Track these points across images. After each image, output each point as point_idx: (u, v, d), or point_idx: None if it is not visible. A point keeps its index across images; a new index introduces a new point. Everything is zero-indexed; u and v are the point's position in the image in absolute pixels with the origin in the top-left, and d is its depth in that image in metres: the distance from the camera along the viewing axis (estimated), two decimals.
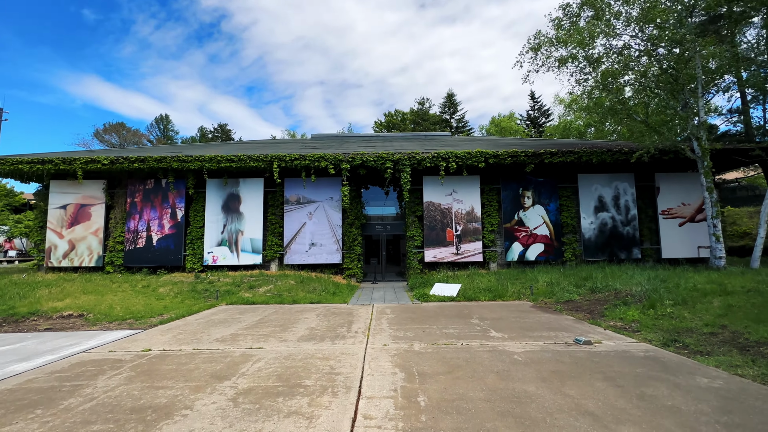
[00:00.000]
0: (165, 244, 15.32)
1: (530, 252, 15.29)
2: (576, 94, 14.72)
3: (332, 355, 5.45)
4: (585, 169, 15.70)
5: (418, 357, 5.31)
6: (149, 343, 6.34)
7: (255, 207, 15.49)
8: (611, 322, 7.40)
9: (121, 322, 8.29)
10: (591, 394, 3.94)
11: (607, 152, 14.56)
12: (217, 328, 7.48)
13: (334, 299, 10.92)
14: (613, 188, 15.69)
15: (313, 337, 6.62)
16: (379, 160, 14.34)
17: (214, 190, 15.54)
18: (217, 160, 14.46)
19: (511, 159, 14.50)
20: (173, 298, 10.90)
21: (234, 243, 15.29)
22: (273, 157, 14.42)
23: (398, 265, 22.29)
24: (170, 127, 54.69)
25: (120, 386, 4.38)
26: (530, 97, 39.67)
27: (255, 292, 11.71)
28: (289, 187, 15.66)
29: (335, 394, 4.04)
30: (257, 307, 10.00)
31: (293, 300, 10.63)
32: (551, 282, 11.40)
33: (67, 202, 15.55)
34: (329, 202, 15.65)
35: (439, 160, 14.41)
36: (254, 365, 5.06)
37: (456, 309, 9.22)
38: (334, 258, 15.25)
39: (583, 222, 15.52)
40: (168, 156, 14.57)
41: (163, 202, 15.55)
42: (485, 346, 5.85)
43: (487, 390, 4.08)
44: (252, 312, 9.20)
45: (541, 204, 15.60)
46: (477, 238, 15.34)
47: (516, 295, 10.80)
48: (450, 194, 15.55)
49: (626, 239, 15.41)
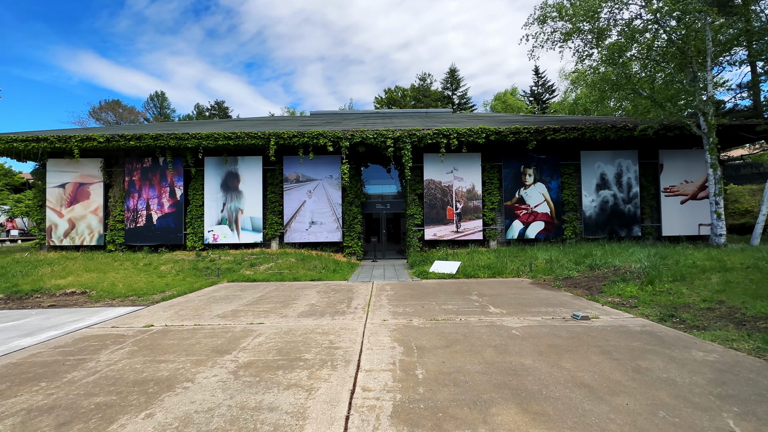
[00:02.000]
0: (165, 222, 15.32)
1: (530, 230, 15.28)
2: (582, 70, 14.28)
3: (332, 330, 5.51)
4: (588, 146, 15.47)
5: (416, 332, 5.37)
6: (151, 319, 6.42)
7: (254, 185, 15.39)
8: (609, 298, 7.45)
9: (124, 299, 8.38)
10: (587, 367, 3.98)
11: (611, 128, 14.28)
12: (219, 304, 7.56)
13: (335, 277, 11.00)
14: (616, 165, 15.50)
15: (313, 313, 6.68)
16: (379, 137, 14.12)
17: (212, 168, 15.39)
18: (214, 138, 14.25)
19: (513, 136, 14.26)
20: (175, 276, 10.98)
21: (234, 221, 15.28)
22: (270, 134, 14.19)
23: (398, 243, 22.37)
24: (166, 104, 53.73)
25: (123, 360, 4.44)
26: (534, 72, 38.65)
27: (256, 269, 11.79)
28: (288, 165, 15.50)
29: (335, 367, 4.09)
30: (258, 284, 10.08)
31: (294, 277, 10.71)
32: (551, 259, 11.43)
33: (65, 181, 15.44)
34: (329, 180, 15.53)
35: (440, 137, 14.18)
36: (255, 340, 5.12)
37: (455, 286, 9.28)
38: (335, 236, 15.28)
39: (585, 200, 15.43)
40: (164, 134, 14.35)
41: (161, 181, 15.44)
42: (483, 321, 5.91)
43: (484, 363, 4.13)
44: (253, 289, 9.28)
45: (542, 182, 15.46)
46: (477, 216, 15.30)
47: (515, 272, 10.86)
48: (451, 172, 15.39)
49: (627, 217, 15.36)
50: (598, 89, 14.00)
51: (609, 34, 12.70)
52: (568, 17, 13.03)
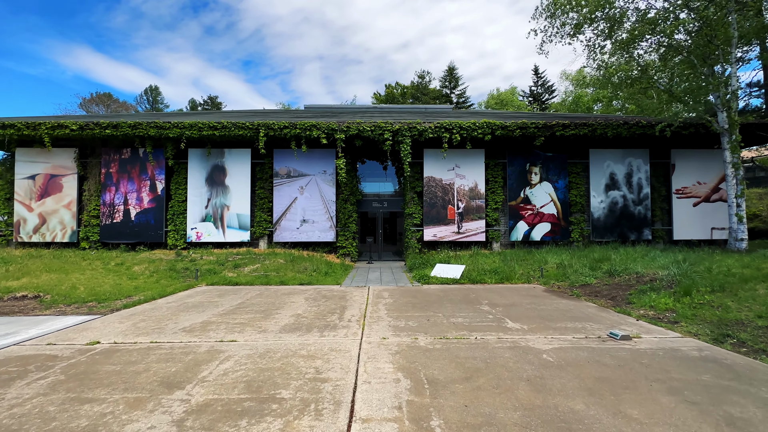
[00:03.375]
0: (144, 218, 14.06)
1: (536, 232, 14.28)
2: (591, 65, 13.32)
3: (319, 352, 4.40)
4: (597, 143, 14.51)
5: (424, 356, 4.28)
6: (101, 333, 5.25)
7: (242, 180, 14.19)
8: (641, 311, 6.43)
9: (81, 306, 7.18)
10: (661, 417, 2.92)
11: (624, 125, 13.34)
12: (189, 313, 6.40)
13: (327, 280, 9.88)
14: (626, 165, 14.56)
15: (298, 326, 5.56)
16: (376, 130, 13.02)
17: (196, 161, 14.17)
18: (198, 128, 13.04)
19: (520, 131, 13.24)
20: (148, 278, 9.77)
21: (219, 219, 14.08)
22: (260, 124, 13.01)
23: (395, 244, 21.29)
24: (160, 99, 52.11)
25: (35, 398, 3.29)
26: (534, 72, 37.80)
27: (240, 271, 10.62)
28: (278, 159, 14.33)
29: (319, 413, 2.99)
30: (240, 288, 8.92)
31: (281, 281, 9.56)
32: (562, 264, 10.42)
33: (35, 172, 14.11)
34: (322, 175, 14.39)
35: (441, 131, 13.12)
36: (220, 366, 3.99)
37: (461, 293, 8.21)
38: (328, 236, 14.14)
39: (593, 201, 14.46)
40: (144, 122, 13.10)
41: (141, 174, 14.18)
42: (504, 340, 4.84)
43: (521, 408, 3.05)
44: (233, 294, 8.12)
45: (549, 181, 14.47)
46: (480, 216, 14.26)
47: (525, 277, 9.82)
48: (452, 169, 14.34)
49: (637, 219, 14.43)
50: (611, 84, 13.06)
51: (625, 22, 11.75)
52: (580, 7, 12.07)
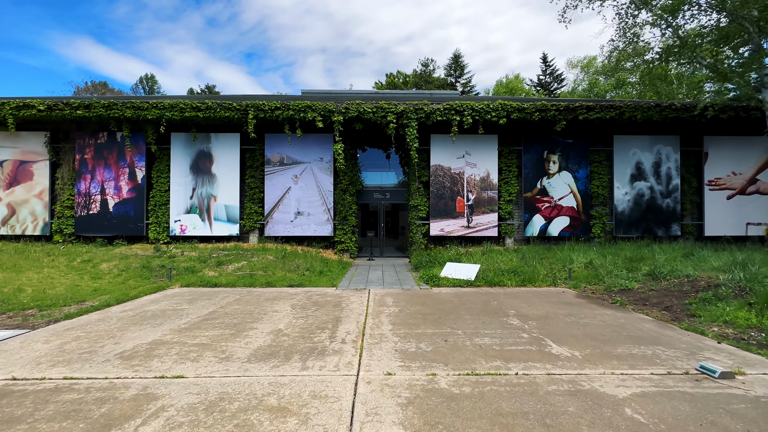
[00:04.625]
0: (123, 210, 12.65)
1: (553, 226, 12.83)
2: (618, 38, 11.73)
3: (296, 402, 3.00)
4: (623, 129, 12.98)
5: (450, 410, 2.87)
6: (7, 361, 3.86)
7: (230, 168, 12.74)
8: (715, 328, 5.01)
9: (17, 314, 5.80)
10: None
11: (655, 108, 11.81)
12: (141, 328, 5.01)
13: (321, 281, 8.48)
14: (654, 153, 13.05)
15: (275, 350, 4.16)
16: (379, 112, 11.52)
17: (180, 146, 12.71)
18: (180, 108, 11.55)
19: (539, 114, 11.72)
20: (114, 277, 8.39)
21: (206, 210, 12.66)
22: (248, 105, 11.53)
23: (398, 238, 19.89)
24: (157, 88, 50.41)
25: None
26: (542, 60, 35.95)
27: (222, 270, 9.23)
28: (270, 144, 12.86)
29: None
30: (218, 291, 7.52)
31: (267, 282, 8.16)
32: (591, 263, 8.99)
33: (2, 159, 12.68)
34: (319, 163, 12.92)
35: (451, 113, 11.61)
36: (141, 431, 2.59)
37: (479, 298, 6.80)
38: (324, 230, 12.72)
39: (617, 192, 12.98)
40: (119, 102, 11.62)
41: (119, 160, 12.74)
42: (557, 379, 3.42)
43: None
44: (207, 299, 6.72)
45: (568, 170, 12.98)
46: (492, 209, 12.81)
47: (550, 279, 8.40)
48: (462, 157, 12.85)
49: (665, 213, 12.96)
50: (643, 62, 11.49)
51: None
52: None
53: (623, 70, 14.31)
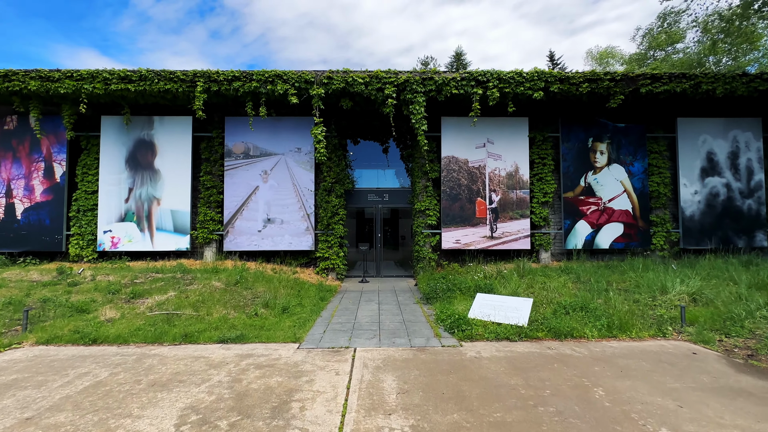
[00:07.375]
0: (36, 217, 9.35)
1: (602, 236, 9.59)
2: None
3: None
4: (689, 109, 9.86)
5: None
6: None
7: (179, 161, 9.49)
8: None
9: None
10: None
11: (742, 77, 8.69)
12: None
13: (279, 327, 5.15)
14: (729, 140, 9.89)
15: None
16: (373, 83, 8.34)
17: (113, 133, 9.48)
18: (104, 79, 8.34)
19: (587, 85, 8.56)
20: None
21: (146, 217, 9.37)
22: (196, 73, 8.34)
23: (398, 250, 16.54)
24: None
25: None
26: (549, 58, 33.23)
27: (132, 308, 5.88)
28: (232, 131, 9.65)
29: None
30: (88, 356, 4.18)
31: (185, 333, 4.82)
32: (700, 294, 5.71)
33: None
34: (295, 155, 9.70)
35: (471, 85, 8.44)
36: None
37: (560, 376, 3.51)
38: (303, 242, 9.43)
39: (683, 191, 9.78)
40: (20, 71, 8.42)
41: (32, 152, 9.48)
42: None
43: None
44: (38, 387, 3.39)
45: (620, 163, 9.79)
46: (522, 214, 9.58)
47: (648, 323, 5.10)
48: (483, 145, 9.66)
49: (746, 218, 9.75)
50: (720, 19, 8.39)
51: None
52: None
53: (667, 51, 11.19)
